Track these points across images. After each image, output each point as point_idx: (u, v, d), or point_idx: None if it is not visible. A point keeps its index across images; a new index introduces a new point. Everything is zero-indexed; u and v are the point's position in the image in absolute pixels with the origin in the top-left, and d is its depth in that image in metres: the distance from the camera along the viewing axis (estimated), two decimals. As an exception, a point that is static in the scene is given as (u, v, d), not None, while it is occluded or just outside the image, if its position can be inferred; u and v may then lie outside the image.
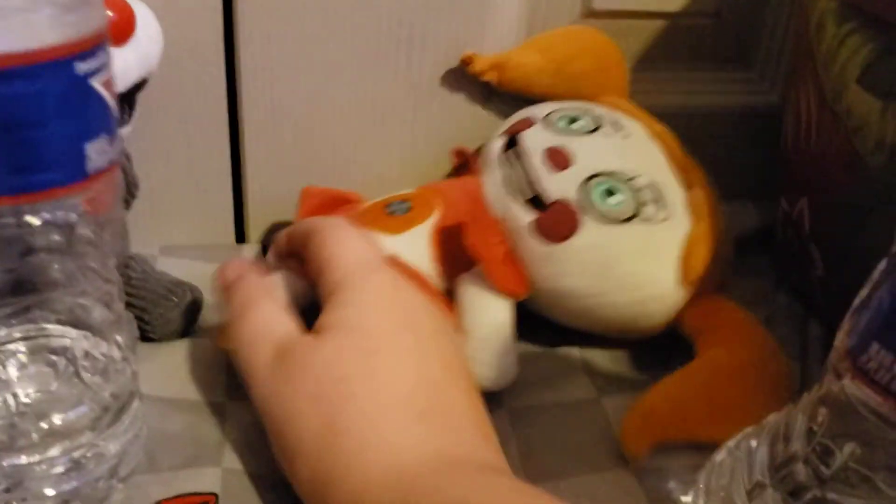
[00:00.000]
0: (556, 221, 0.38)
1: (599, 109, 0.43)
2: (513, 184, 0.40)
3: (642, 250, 0.38)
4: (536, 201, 0.39)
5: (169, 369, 0.38)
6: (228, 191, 0.47)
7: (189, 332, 0.40)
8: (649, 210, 0.38)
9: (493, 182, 0.41)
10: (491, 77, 0.45)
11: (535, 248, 0.39)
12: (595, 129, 0.41)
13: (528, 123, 0.43)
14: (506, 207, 0.40)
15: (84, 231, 0.31)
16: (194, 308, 0.41)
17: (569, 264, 0.38)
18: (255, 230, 0.48)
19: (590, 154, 0.40)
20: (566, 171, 0.39)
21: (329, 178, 0.46)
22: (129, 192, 0.43)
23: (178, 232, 0.46)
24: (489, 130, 0.46)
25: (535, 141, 0.41)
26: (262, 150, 0.46)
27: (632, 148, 0.41)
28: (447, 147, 0.47)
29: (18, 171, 0.28)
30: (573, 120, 0.42)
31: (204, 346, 0.40)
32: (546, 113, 0.43)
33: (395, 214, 0.41)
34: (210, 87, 0.44)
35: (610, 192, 0.39)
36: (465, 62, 0.45)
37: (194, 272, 0.43)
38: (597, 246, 0.38)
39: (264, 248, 0.45)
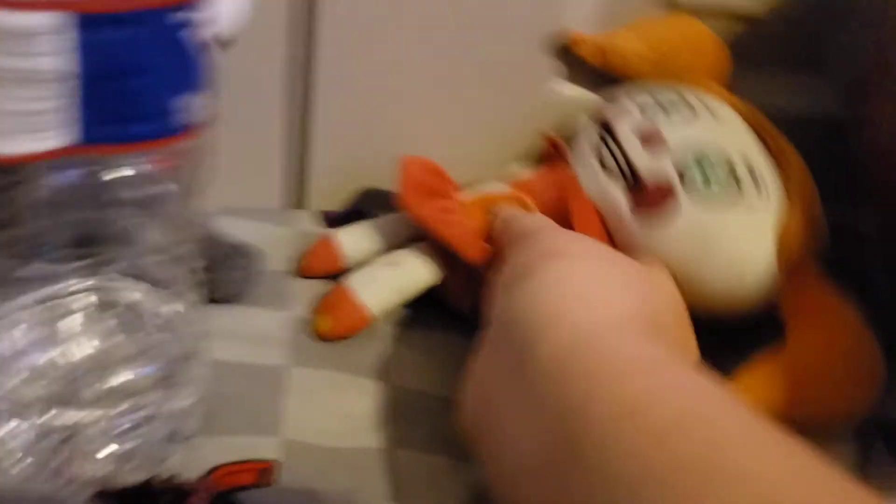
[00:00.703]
0: (656, 203, 0.38)
1: (691, 94, 0.43)
2: (610, 169, 0.40)
3: (740, 232, 0.38)
4: (635, 184, 0.39)
5: (229, 332, 0.38)
6: (290, 155, 0.46)
7: (248, 295, 0.40)
8: (746, 191, 0.38)
9: (589, 171, 0.41)
10: (595, 60, 0.45)
11: (636, 231, 0.39)
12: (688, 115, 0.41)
13: (618, 111, 0.42)
14: (604, 194, 0.40)
15: (165, 188, 0.31)
16: (255, 271, 0.40)
17: (668, 246, 0.38)
18: (314, 197, 0.47)
19: (685, 134, 0.40)
20: (662, 151, 0.39)
21: (397, 152, 0.46)
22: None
23: (235, 193, 0.46)
24: (563, 114, 0.46)
25: (630, 124, 0.41)
26: (332, 117, 0.45)
27: (726, 129, 0.41)
28: (518, 127, 0.47)
29: (112, 120, 0.27)
30: (666, 111, 0.42)
31: (263, 309, 0.40)
32: (638, 101, 0.42)
33: None
34: (285, 48, 0.43)
35: (707, 173, 0.38)
36: (574, 42, 0.45)
37: (253, 234, 0.43)
38: (696, 227, 0.37)
39: (329, 219, 0.45)
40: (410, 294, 0.40)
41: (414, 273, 0.40)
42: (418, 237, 0.41)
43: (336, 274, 0.41)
